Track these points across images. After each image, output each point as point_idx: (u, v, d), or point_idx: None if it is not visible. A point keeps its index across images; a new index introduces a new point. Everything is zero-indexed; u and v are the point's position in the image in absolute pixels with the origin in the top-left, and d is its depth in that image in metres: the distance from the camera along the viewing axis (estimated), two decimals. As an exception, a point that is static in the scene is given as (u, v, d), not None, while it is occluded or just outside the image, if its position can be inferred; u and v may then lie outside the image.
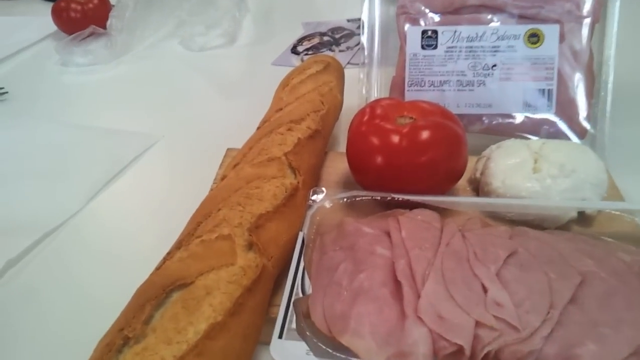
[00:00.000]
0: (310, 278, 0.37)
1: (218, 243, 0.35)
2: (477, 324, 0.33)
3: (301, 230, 0.40)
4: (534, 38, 0.51)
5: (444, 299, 0.34)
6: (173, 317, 0.30)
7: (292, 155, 0.45)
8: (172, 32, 0.95)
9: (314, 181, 0.47)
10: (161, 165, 0.60)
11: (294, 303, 0.34)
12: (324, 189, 0.43)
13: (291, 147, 0.45)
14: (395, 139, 0.43)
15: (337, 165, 0.52)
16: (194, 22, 0.92)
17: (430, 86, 0.54)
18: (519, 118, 0.52)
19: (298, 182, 0.43)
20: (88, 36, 0.91)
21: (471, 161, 0.49)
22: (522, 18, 0.52)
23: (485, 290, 0.35)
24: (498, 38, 0.52)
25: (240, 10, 0.91)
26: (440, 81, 0.53)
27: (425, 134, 0.44)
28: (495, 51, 0.52)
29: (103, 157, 0.60)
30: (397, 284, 0.36)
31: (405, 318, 0.34)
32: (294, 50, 0.85)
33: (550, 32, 0.51)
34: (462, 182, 0.49)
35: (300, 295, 0.35)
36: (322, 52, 0.84)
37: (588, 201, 0.42)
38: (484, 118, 0.53)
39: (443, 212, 0.43)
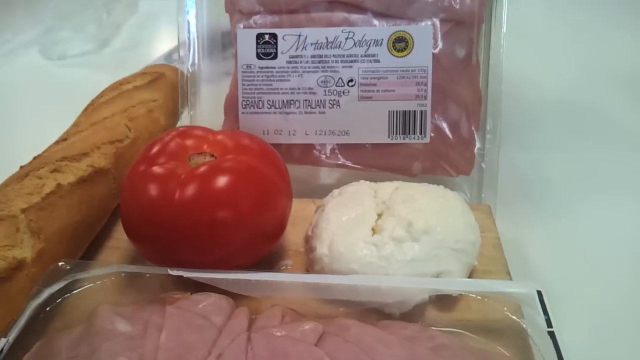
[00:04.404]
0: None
1: None
2: None
3: (5, 337, 0.26)
4: (401, 44, 0.39)
5: None
6: None
7: (36, 211, 0.31)
8: (35, 38, 0.80)
9: (75, 248, 0.33)
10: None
11: None
12: (70, 263, 0.30)
13: (39, 199, 0.32)
14: (177, 187, 0.30)
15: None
16: (61, 27, 0.78)
17: (270, 107, 0.40)
18: (383, 149, 0.40)
19: (26, 257, 0.29)
20: None
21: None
22: (385, 17, 0.39)
23: None
24: (355, 44, 0.39)
25: (111, 11, 0.77)
26: (283, 101, 0.40)
27: (221, 182, 0.31)
28: (352, 61, 0.39)
29: None
30: None
31: None
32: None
33: (421, 35, 0.39)
34: (298, 240, 0.36)
35: None
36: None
37: (439, 279, 0.29)
38: (339, 149, 0.40)
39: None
